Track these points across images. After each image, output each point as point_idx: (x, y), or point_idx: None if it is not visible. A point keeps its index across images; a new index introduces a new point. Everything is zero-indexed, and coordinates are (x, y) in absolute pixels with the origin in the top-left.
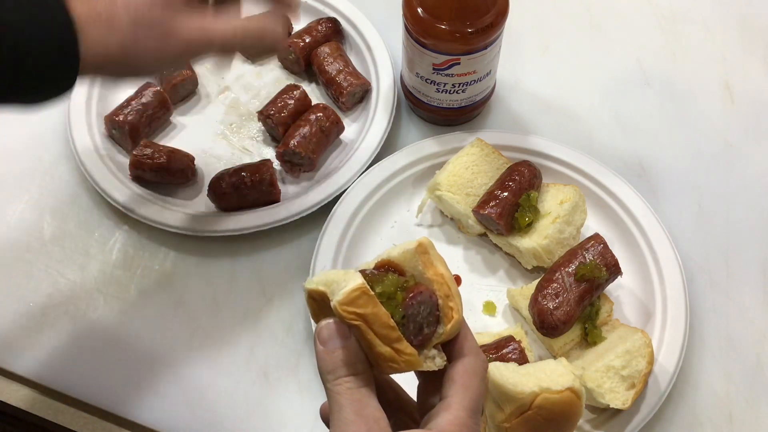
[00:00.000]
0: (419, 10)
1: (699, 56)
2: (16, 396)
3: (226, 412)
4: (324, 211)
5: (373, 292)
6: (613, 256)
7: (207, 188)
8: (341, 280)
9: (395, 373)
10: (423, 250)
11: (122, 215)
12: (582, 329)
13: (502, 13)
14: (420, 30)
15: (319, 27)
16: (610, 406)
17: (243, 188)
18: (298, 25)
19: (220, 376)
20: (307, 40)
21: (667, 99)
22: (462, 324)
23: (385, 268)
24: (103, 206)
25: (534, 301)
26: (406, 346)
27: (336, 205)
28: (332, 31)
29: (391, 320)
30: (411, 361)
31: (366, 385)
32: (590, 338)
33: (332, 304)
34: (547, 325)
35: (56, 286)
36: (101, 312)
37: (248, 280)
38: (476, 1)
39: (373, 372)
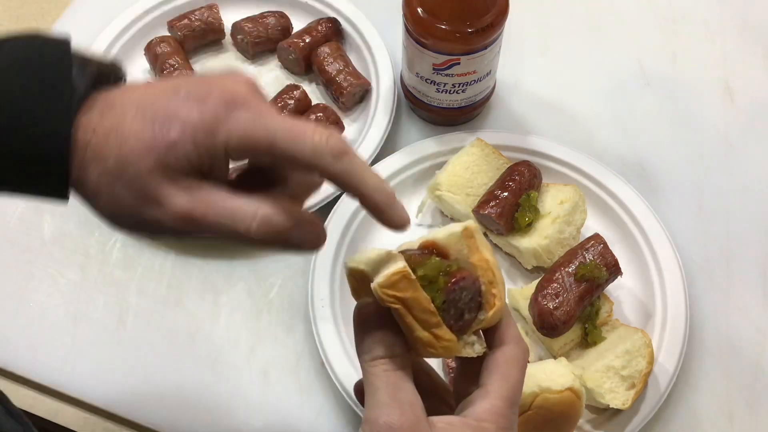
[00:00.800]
0: (419, 10)
1: (699, 56)
2: (16, 396)
3: (226, 412)
4: (324, 211)
5: (414, 277)
6: (613, 256)
7: None
8: (383, 261)
9: (433, 357)
10: (469, 234)
11: None
12: (582, 329)
13: (502, 12)
14: (420, 30)
15: (319, 27)
16: (610, 406)
17: None
18: (298, 25)
19: (220, 376)
20: (307, 40)
21: (667, 99)
22: (505, 312)
23: (429, 249)
24: None
25: (534, 301)
26: (445, 332)
27: (336, 205)
28: (332, 31)
29: (431, 305)
30: (449, 347)
31: (402, 368)
32: (590, 338)
33: (372, 286)
34: (547, 325)
35: (56, 286)
36: (101, 312)
37: (248, 281)
38: (476, 1)
39: (409, 354)
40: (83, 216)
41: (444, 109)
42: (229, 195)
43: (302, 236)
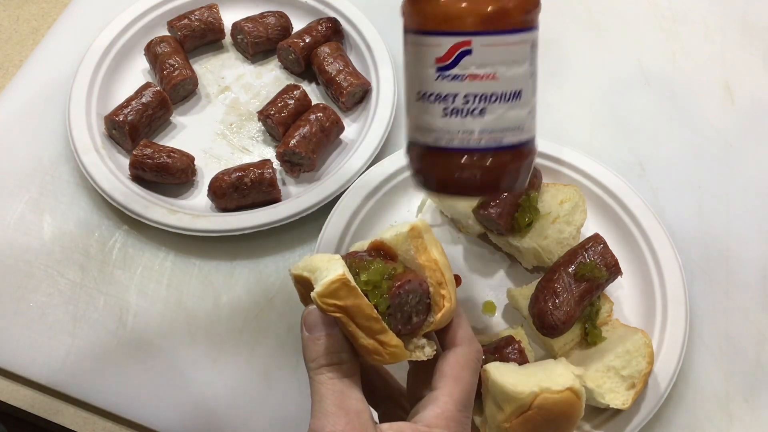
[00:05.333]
0: None
1: (699, 56)
2: (16, 396)
3: (226, 411)
4: (324, 211)
5: (354, 284)
6: (613, 256)
7: (207, 188)
8: (323, 269)
9: (380, 364)
10: (416, 233)
11: (122, 215)
12: (582, 329)
13: None
14: (416, 8)
15: (319, 27)
16: (610, 406)
17: (243, 188)
18: (298, 25)
19: (221, 376)
20: (307, 40)
21: (667, 99)
22: (456, 312)
23: (377, 250)
24: (103, 206)
25: (534, 301)
26: (391, 338)
27: (336, 205)
28: (332, 31)
29: (375, 312)
30: (396, 353)
31: (349, 375)
32: (590, 338)
33: (312, 295)
34: (547, 325)
35: (56, 286)
36: (101, 312)
37: (248, 280)
38: None
39: (359, 360)
40: (83, 216)
41: (459, 151)
42: None
43: None
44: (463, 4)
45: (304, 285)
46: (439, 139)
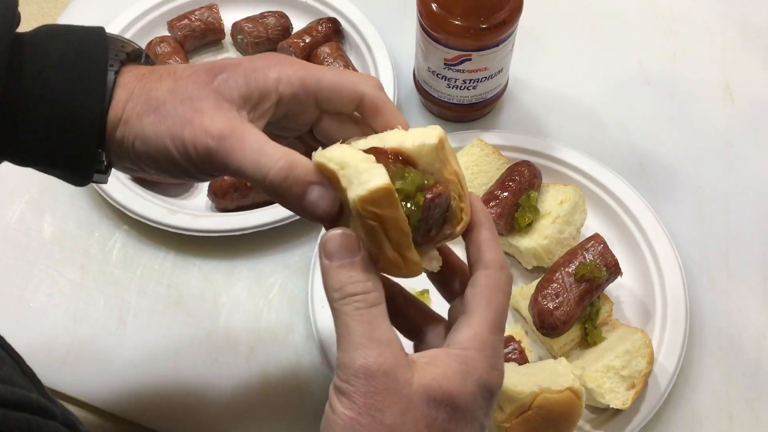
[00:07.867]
0: (433, 5)
1: (699, 56)
2: None
3: (225, 412)
4: None
5: (397, 195)
6: (613, 256)
7: (207, 188)
8: (361, 170)
9: (397, 276)
10: (441, 145)
11: (122, 215)
12: (582, 329)
13: (516, 10)
14: (432, 24)
15: (319, 27)
16: (610, 406)
17: (243, 188)
18: (298, 25)
19: (221, 376)
20: (307, 40)
21: (667, 99)
22: (488, 235)
23: (396, 155)
24: (103, 206)
25: (534, 301)
26: (413, 254)
27: None
28: (332, 31)
29: (408, 227)
30: (415, 269)
31: (376, 305)
32: (590, 338)
33: (351, 197)
34: (547, 325)
35: (56, 286)
36: (101, 312)
37: (248, 281)
38: None
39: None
40: (83, 216)
41: (455, 105)
42: (262, 135)
43: (319, 197)
44: (466, 33)
45: (325, 175)
46: (442, 95)
